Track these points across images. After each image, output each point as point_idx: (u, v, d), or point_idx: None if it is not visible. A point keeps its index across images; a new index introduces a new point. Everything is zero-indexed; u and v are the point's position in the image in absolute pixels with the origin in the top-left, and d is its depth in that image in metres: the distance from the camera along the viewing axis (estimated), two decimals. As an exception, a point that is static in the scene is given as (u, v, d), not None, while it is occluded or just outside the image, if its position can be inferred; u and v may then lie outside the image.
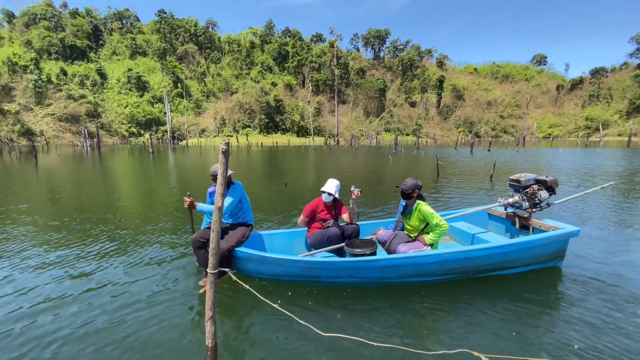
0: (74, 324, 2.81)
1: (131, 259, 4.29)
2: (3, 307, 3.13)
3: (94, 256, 4.37)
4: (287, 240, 4.20)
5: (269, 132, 63.21)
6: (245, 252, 3.42)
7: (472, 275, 3.47)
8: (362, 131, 69.05)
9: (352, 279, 3.33)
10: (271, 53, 79.65)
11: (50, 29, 64.77)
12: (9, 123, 45.27)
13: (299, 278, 3.38)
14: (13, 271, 3.95)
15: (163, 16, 78.00)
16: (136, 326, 2.77)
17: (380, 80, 74.94)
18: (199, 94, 66.98)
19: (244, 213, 3.73)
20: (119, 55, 69.88)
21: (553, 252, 3.68)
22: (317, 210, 4.02)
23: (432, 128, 75.04)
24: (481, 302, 3.11)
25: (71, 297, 3.27)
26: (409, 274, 3.34)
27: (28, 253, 4.52)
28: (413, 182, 3.64)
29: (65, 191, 10.06)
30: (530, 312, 2.95)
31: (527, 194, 4.11)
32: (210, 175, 3.60)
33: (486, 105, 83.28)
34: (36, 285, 3.54)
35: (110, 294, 3.34)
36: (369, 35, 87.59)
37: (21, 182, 12.41)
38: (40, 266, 4.06)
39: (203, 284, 3.43)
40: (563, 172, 14.30)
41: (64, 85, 53.00)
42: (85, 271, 3.88)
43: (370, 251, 3.49)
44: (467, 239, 4.21)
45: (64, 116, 49.76)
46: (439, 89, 77.77)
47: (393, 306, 3.09)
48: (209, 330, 2.37)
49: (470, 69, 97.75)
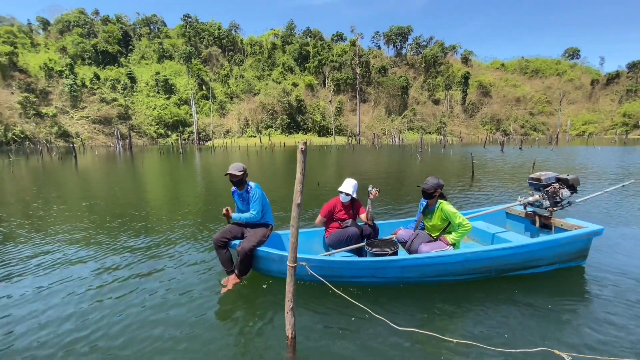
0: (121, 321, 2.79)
1: (179, 254, 4.43)
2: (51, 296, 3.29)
3: (142, 252, 4.47)
4: (304, 240, 4.14)
5: (290, 132, 63.52)
6: (266, 251, 3.42)
7: (495, 274, 3.44)
8: (383, 130, 68.08)
9: (374, 278, 3.30)
10: (292, 54, 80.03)
11: (84, 35, 68.02)
12: (47, 125, 47.91)
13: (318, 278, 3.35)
14: (59, 263, 4.09)
15: (188, 20, 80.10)
16: (169, 322, 2.82)
17: (403, 78, 73.57)
18: (222, 96, 68.29)
19: (264, 214, 3.76)
20: (147, 60, 72.43)
21: (576, 252, 3.63)
22: (334, 210, 4.00)
23: (457, 126, 72.89)
24: (529, 300, 3.09)
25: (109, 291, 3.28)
26: (432, 273, 3.31)
27: (84, 243, 4.62)
28: (435, 181, 3.59)
29: (111, 189, 10.40)
30: (566, 311, 2.91)
31: (548, 193, 4.04)
32: (230, 179, 3.64)
33: (514, 102, 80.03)
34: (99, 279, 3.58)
35: (146, 291, 3.39)
36: (390, 33, 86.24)
37: (67, 180, 12.98)
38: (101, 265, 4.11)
39: (225, 283, 3.45)
40: (605, 171, 13.36)
41: (97, 89, 55.52)
42: (114, 266, 4.03)
43: (392, 251, 3.47)
44: (487, 239, 4.16)
45: (97, 118, 52.14)
46: (464, 86, 75.42)
47: (444, 303, 3.09)
48: (289, 321, 2.43)
49: (497, 65, 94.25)
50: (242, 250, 3.38)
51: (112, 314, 2.94)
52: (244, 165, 3.67)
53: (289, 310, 2.43)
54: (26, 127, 45.75)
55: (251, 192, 3.67)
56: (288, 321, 2.45)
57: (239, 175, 3.59)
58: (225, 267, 3.51)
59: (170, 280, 3.61)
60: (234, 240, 3.59)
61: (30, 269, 4.02)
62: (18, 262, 4.23)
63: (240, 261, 3.40)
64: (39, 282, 3.62)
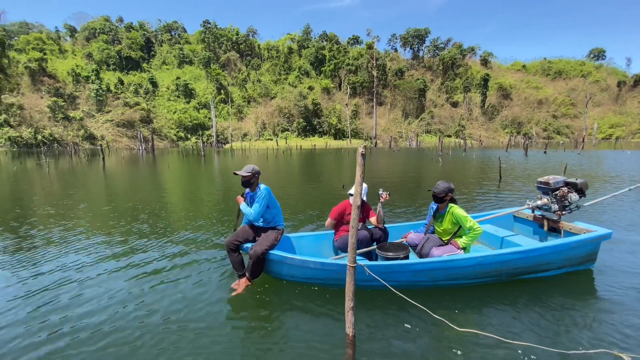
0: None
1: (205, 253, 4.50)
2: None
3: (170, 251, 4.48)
4: (314, 243, 4.18)
5: (306, 135, 63.76)
6: (278, 255, 3.42)
7: (505, 278, 3.46)
8: (400, 133, 67.39)
9: (385, 282, 3.29)
10: (308, 58, 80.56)
11: (108, 42, 70.60)
12: (74, 128, 49.80)
13: (330, 281, 3.37)
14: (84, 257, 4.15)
15: (207, 26, 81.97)
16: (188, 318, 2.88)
17: (420, 81, 72.74)
18: (240, 100, 69.34)
19: (274, 217, 3.73)
20: (168, 65, 74.45)
21: (585, 255, 3.66)
22: (344, 213, 3.99)
23: (476, 129, 71.32)
24: (554, 302, 3.13)
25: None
26: (443, 277, 3.33)
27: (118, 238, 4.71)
28: (446, 185, 3.61)
29: (144, 190, 10.64)
30: (586, 312, 2.97)
31: (557, 197, 4.07)
32: (241, 181, 3.70)
33: (536, 105, 77.69)
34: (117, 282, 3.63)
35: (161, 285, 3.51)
36: (407, 35, 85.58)
37: (100, 181, 13.36)
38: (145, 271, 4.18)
39: (235, 287, 3.43)
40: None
41: (121, 94, 57.42)
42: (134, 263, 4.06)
43: (404, 255, 3.47)
44: (496, 242, 4.17)
45: (121, 122, 53.87)
46: (484, 88, 73.80)
47: (489, 304, 3.10)
48: (349, 320, 2.49)
49: (517, 66, 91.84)
50: (254, 254, 3.37)
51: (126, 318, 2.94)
52: (254, 167, 3.68)
53: (350, 309, 2.48)
54: (55, 130, 47.72)
55: (258, 193, 3.67)
56: (348, 320, 2.50)
57: (247, 177, 3.62)
58: (237, 270, 3.51)
59: (181, 281, 3.65)
60: (246, 243, 3.59)
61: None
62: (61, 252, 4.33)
63: (253, 264, 3.39)
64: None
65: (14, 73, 51.50)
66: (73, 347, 2.55)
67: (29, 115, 46.77)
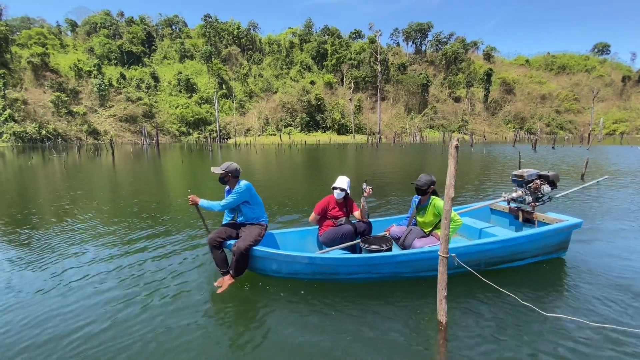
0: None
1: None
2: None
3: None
4: (298, 238, 4.20)
5: (309, 130, 63.59)
6: (263, 250, 3.41)
7: (484, 267, 3.56)
8: (403, 128, 67.23)
9: (369, 275, 3.41)
10: (310, 52, 80.00)
11: (109, 36, 70.03)
12: (78, 123, 49.63)
13: (316, 276, 3.41)
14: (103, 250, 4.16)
15: (208, 20, 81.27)
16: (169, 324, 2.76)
17: (423, 75, 72.35)
18: (242, 95, 69.01)
19: (256, 213, 3.70)
20: (169, 60, 73.94)
21: (558, 244, 3.85)
22: (328, 207, 4.03)
23: (479, 124, 71.16)
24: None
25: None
26: (425, 268, 3.42)
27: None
28: (428, 178, 3.72)
29: (168, 184, 10.66)
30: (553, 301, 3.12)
31: (530, 189, 4.25)
32: (219, 180, 3.64)
33: (540, 100, 77.37)
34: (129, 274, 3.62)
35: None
36: (410, 30, 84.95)
37: (115, 175, 13.37)
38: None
39: (219, 284, 3.37)
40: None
41: (123, 89, 57.11)
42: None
43: (387, 247, 3.55)
44: (474, 234, 4.29)
45: (123, 117, 53.64)
46: (487, 83, 73.42)
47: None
48: (442, 308, 2.60)
49: (521, 61, 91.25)
50: (238, 250, 3.33)
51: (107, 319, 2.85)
52: (231, 164, 3.63)
53: (443, 298, 2.59)
54: (58, 125, 47.56)
55: (236, 187, 3.62)
56: (442, 308, 2.60)
57: (222, 174, 3.58)
58: (220, 267, 3.44)
59: (165, 280, 3.56)
60: (229, 240, 3.54)
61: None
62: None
63: (237, 261, 3.35)
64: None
65: (16, 68, 51.18)
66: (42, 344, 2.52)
67: (33, 110, 46.57)
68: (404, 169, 15.11)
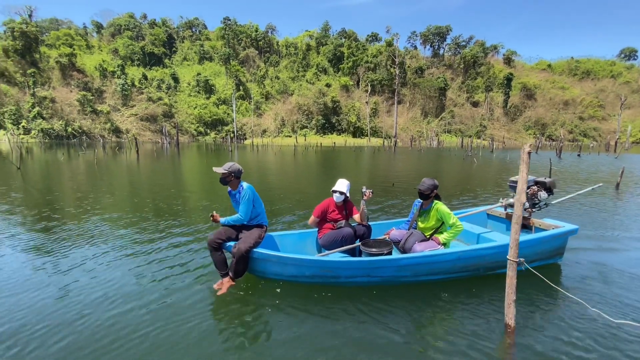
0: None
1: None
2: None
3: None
4: (297, 241, 4.19)
5: (324, 132, 63.67)
6: (263, 253, 3.37)
7: (483, 272, 3.62)
8: (420, 132, 66.48)
9: (370, 278, 3.40)
10: (326, 55, 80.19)
11: (133, 38, 72.08)
12: (101, 122, 51.21)
13: (316, 279, 3.40)
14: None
15: (228, 23, 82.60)
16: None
17: (441, 79, 71.45)
18: (258, 96, 69.75)
19: (258, 215, 3.68)
20: (189, 61, 75.50)
21: (555, 249, 3.91)
22: (328, 210, 4.03)
23: (498, 130, 69.61)
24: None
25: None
26: (425, 272, 3.45)
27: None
28: (431, 182, 3.74)
29: (196, 181, 10.86)
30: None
31: (527, 195, 4.24)
32: (220, 181, 3.60)
33: (562, 106, 75.17)
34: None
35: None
36: (428, 33, 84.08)
37: (148, 172, 13.70)
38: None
39: (218, 287, 3.32)
40: None
41: (145, 89, 58.63)
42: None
43: (387, 251, 3.57)
44: (472, 239, 4.32)
45: (144, 116, 55.06)
46: (506, 88, 71.86)
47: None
48: (510, 312, 2.64)
49: (542, 66, 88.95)
50: (238, 252, 3.28)
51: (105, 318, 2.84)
52: (233, 164, 3.56)
53: (512, 301, 2.62)
54: (83, 122, 49.21)
55: (242, 192, 3.56)
56: (510, 311, 2.64)
57: (224, 174, 3.53)
58: (220, 269, 3.41)
59: (163, 282, 3.53)
60: (228, 241, 3.49)
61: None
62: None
63: (237, 263, 3.31)
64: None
65: (45, 67, 53.27)
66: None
67: (60, 108, 48.35)
68: (425, 174, 14.91)
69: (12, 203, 7.29)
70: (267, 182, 11.35)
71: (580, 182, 11.99)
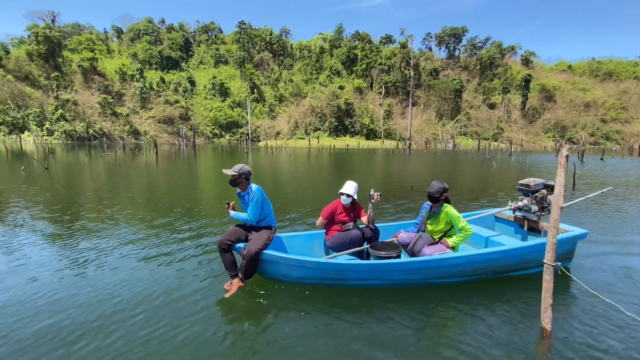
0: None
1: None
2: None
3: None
4: (305, 242, 4.20)
5: (337, 134, 63.64)
6: (273, 254, 3.38)
7: (491, 276, 3.61)
8: (434, 135, 65.61)
9: (378, 281, 3.40)
10: (340, 57, 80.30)
11: (151, 42, 73.99)
12: (121, 124, 52.67)
13: (325, 281, 3.40)
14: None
15: (243, 27, 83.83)
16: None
17: (457, 81, 70.42)
18: (272, 99, 70.38)
19: (267, 216, 3.69)
20: (205, 65, 76.91)
21: (564, 253, 3.84)
22: (335, 212, 4.03)
23: (515, 132, 68.05)
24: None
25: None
26: (434, 275, 3.44)
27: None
28: (441, 185, 3.74)
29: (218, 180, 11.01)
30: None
31: (537, 198, 4.26)
32: (230, 182, 3.63)
33: (583, 108, 72.86)
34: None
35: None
36: (443, 34, 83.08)
37: (159, 171, 13.97)
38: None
39: (228, 288, 3.34)
40: None
41: (162, 92, 60.04)
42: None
43: (396, 254, 3.54)
44: (480, 242, 4.28)
45: (162, 118, 56.36)
46: (525, 89, 70.22)
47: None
48: (547, 316, 2.64)
49: (562, 67, 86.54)
50: (248, 253, 3.29)
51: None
52: (243, 166, 3.60)
53: (548, 306, 2.63)
54: (104, 124, 50.73)
55: (251, 194, 3.59)
56: (547, 316, 2.65)
57: (234, 176, 3.55)
58: (230, 270, 3.42)
59: (173, 283, 3.52)
60: (238, 243, 3.51)
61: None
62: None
63: (246, 264, 3.31)
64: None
65: (68, 71, 55.21)
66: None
67: (82, 111, 49.99)
68: (444, 177, 14.65)
69: (45, 203, 7.52)
70: (281, 183, 11.39)
71: (599, 186, 11.55)
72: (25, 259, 4.09)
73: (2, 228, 5.43)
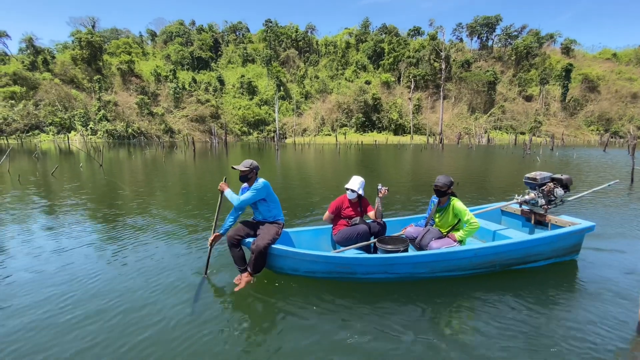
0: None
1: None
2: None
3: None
4: (312, 237, 4.24)
5: (364, 130, 63.05)
6: (281, 249, 3.42)
7: (499, 269, 3.64)
8: (466, 129, 63.29)
9: (386, 274, 3.44)
10: (366, 52, 79.25)
11: (183, 44, 76.65)
12: (156, 123, 55.19)
13: (333, 275, 3.44)
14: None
15: (269, 25, 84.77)
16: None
17: (490, 72, 67.36)
18: (298, 96, 70.83)
19: (273, 212, 3.70)
20: (233, 64, 78.69)
21: (571, 246, 3.89)
22: (342, 207, 4.04)
23: (555, 126, 64.15)
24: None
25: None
26: (441, 269, 3.47)
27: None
28: (446, 179, 3.75)
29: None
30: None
31: (544, 192, 4.29)
32: (240, 178, 3.65)
33: (630, 99, 67.37)
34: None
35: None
36: (475, 24, 79.61)
37: (198, 167, 14.49)
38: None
39: (237, 282, 3.39)
40: None
41: (194, 92, 62.15)
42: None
43: (403, 248, 3.59)
44: (487, 236, 4.31)
45: (194, 117, 58.45)
46: (565, 80, 65.93)
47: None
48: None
49: (607, 55, 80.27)
50: (257, 248, 3.34)
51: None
52: (252, 162, 3.64)
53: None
54: (141, 124, 53.40)
55: (255, 184, 3.60)
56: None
57: (245, 171, 3.58)
58: (239, 265, 3.49)
59: (181, 277, 3.57)
60: (247, 238, 3.55)
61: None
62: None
63: (255, 259, 3.36)
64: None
65: (108, 74, 58.49)
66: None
67: (121, 111, 52.86)
68: (489, 173, 14.12)
69: (124, 198, 8.04)
70: (312, 180, 11.46)
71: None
72: (124, 240, 4.41)
73: (118, 222, 5.88)
